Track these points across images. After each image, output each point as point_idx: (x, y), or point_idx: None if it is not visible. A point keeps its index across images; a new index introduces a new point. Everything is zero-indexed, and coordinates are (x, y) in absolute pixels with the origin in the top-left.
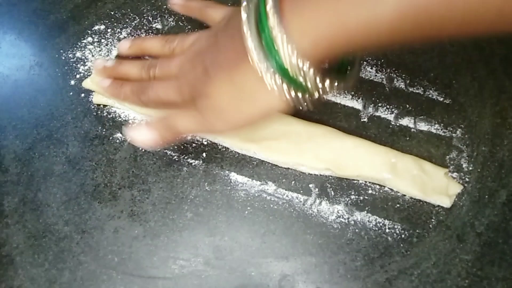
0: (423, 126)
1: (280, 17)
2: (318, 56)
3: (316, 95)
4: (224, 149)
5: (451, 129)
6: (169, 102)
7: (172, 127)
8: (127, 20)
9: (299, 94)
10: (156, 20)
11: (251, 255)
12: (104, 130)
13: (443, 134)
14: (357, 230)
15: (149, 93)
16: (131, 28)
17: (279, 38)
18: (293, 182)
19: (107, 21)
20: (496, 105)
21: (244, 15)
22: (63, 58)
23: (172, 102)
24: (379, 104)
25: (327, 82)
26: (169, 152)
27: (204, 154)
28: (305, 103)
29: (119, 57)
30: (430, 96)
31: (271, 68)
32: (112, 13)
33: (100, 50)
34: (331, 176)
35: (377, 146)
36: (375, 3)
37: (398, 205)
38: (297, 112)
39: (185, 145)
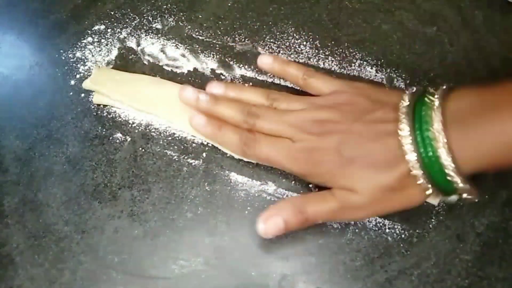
0: None
1: (444, 135)
2: (471, 170)
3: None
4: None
5: None
6: (278, 165)
7: (303, 212)
8: (127, 20)
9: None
10: (156, 20)
11: (251, 255)
12: (104, 130)
13: None
14: (357, 230)
15: (256, 149)
16: (131, 28)
17: (443, 156)
18: (293, 182)
19: (107, 21)
20: None
21: (404, 130)
22: (63, 58)
23: (282, 167)
24: None
25: (468, 193)
26: (169, 152)
27: (204, 154)
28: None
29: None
30: None
31: (425, 174)
32: (112, 13)
33: (100, 50)
34: None
35: None
36: None
37: None
38: None
39: (185, 145)
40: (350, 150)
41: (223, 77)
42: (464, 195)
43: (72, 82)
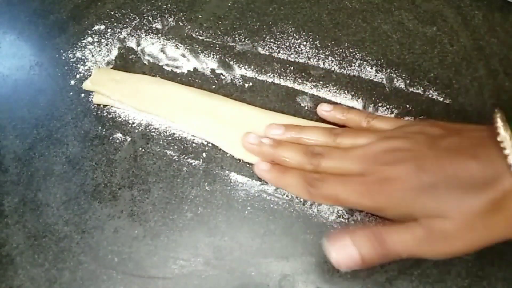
0: None
1: None
2: None
3: None
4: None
5: None
6: (349, 204)
7: (382, 243)
8: (127, 20)
9: None
10: (156, 20)
11: (251, 255)
12: (104, 130)
13: None
14: None
15: (323, 189)
16: (131, 28)
17: None
18: None
19: (107, 21)
20: (496, 105)
21: (506, 141)
22: (63, 58)
23: (354, 205)
24: (379, 104)
25: None
26: (169, 152)
27: (204, 154)
28: None
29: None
30: (430, 96)
31: None
32: (112, 13)
33: (100, 50)
34: None
35: None
36: None
37: None
38: (297, 112)
39: (185, 145)
40: (430, 175)
41: (223, 77)
42: None
43: (72, 82)
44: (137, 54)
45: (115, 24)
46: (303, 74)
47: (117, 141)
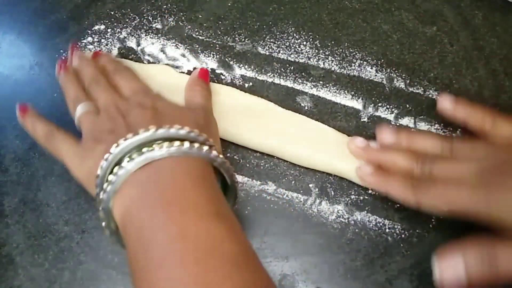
0: (423, 126)
1: None
2: None
3: None
4: (223, 149)
5: (451, 129)
6: (460, 208)
7: (491, 259)
8: (127, 20)
9: None
10: (156, 20)
11: None
12: None
13: (443, 134)
14: (357, 230)
15: (433, 191)
16: (131, 28)
17: None
18: (293, 182)
19: (107, 21)
20: (496, 105)
21: None
22: (63, 58)
23: (467, 209)
24: (379, 104)
25: None
26: None
27: None
28: None
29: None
30: (430, 96)
31: None
32: (112, 13)
33: (100, 50)
34: (331, 176)
35: None
36: None
37: (398, 205)
38: (297, 112)
39: None
40: None
41: (223, 77)
42: None
43: None
44: (137, 54)
45: (115, 24)
46: (303, 74)
47: None
